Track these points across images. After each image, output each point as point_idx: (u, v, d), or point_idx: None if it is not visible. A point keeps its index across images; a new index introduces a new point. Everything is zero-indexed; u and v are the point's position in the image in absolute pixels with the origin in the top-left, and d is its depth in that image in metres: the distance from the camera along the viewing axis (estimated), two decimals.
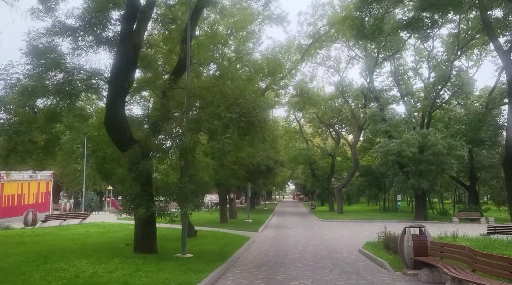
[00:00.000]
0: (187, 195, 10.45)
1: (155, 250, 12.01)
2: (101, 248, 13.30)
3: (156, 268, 9.21)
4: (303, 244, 17.01)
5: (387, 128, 31.99)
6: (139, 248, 11.75)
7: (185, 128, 10.28)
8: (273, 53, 20.79)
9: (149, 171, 10.70)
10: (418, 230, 10.28)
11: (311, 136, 51.85)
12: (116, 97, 11.19)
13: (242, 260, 12.52)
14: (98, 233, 20.61)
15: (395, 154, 29.66)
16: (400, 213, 35.80)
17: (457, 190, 44.71)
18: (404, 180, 31.85)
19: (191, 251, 12.99)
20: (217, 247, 14.85)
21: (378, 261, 12.08)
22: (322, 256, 13.64)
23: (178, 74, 12.96)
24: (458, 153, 29.24)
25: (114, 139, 11.54)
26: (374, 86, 35.59)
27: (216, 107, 10.42)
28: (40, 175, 33.78)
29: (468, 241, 16.08)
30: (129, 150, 10.75)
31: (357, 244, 17.21)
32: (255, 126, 10.49)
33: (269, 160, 27.40)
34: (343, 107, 43.88)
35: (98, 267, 8.88)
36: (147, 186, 10.80)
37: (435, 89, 31.52)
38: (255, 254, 14.02)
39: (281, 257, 13.29)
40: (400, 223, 28.59)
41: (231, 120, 9.88)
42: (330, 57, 41.06)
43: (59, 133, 12.89)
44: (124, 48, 11.01)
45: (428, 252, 9.79)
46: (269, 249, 15.57)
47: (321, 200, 62.91)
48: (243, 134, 10.76)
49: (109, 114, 11.22)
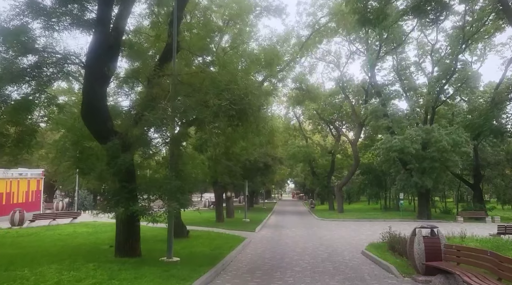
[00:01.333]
0: (172, 192, 9.34)
1: (138, 253, 10.91)
2: (81, 251, 12.23)
3: (133, 275, 8.11)
4: (302, 245, 15.92)
5: (389, 124, 30.85)
6: (120, 251, 10.66)
7: (169, 117, 9.17)
8: (270, 44, 19.64)
9: (129, 166, 9.59)
10: (430, 231, 9.16)
11: (310, 133, 50.67)
12: (94, 84, 10.06)
13: (235, 264, 11.42)
14: (85, 233, 19.57)
15: (398, 150, 28.54)
16: (402, 212, 34.73)
17: (459, 188, 43.57)
18: (407, 178, 30.71)
19: (179, 253, 11.90)
20: (209, 248, 13.76)
21: (383, 265, 10.98)
22: (323, 259, 12.55)
23: (165, 60, 11.85)
24: (463, 150, 28.12)
25: (92, 131, 10.42)
26: (376, 80, 34.44)
27: (204, 94, 9.31)
28: (30, 173, 32.68)
29: (478, 241, 15.01)
30: (108, 143, 9.64)
31: (360, 245, 16.14)
32: (248, 115, 9.39)
33: (266, 157, 26.32)
34: (343, 104, 42.76)
35: (66, 274, 7.77)
36: (128, 182, 9.68)
37: (439, 84, 30.36)
38: (249, 257, 12.92)
39: (277, 260, 12.20)
40: (402, 223, 27.54)
41: (220, 108, 8.78)
42: (330, 52, 39.99)
43: (35, 126, 11.75)
44: (102, 29, 9.89)
45: (442, 256, 8.69)
46: (265, 250, 14.47)
47: (321, 198, 61.76)
48: (234, 125, 9.66)
49: (86, 103, 10.10)
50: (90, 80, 10.08)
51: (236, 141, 11.88)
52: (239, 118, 9.47)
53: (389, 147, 28.80)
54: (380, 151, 29.92)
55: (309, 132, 50.58)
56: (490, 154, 33.34)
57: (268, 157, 26.74)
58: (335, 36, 36.62)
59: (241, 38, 19.05)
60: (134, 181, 9.85)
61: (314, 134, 50.78)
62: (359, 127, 39.80)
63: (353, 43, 37.55)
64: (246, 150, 14.83)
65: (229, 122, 9.41)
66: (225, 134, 11.16)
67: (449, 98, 32.35)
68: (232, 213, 30.91)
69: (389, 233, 14.54)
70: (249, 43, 19.35)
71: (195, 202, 53.64)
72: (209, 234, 19.15)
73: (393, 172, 34.82)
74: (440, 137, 27.97)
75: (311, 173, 50.80)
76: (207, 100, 9.13)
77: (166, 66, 11.38)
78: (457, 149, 28.32)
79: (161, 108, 9.27)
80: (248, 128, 10.71)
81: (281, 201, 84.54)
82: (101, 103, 10.44)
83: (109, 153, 9.66)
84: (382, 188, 47.03)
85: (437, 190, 38.19)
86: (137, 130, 9.28)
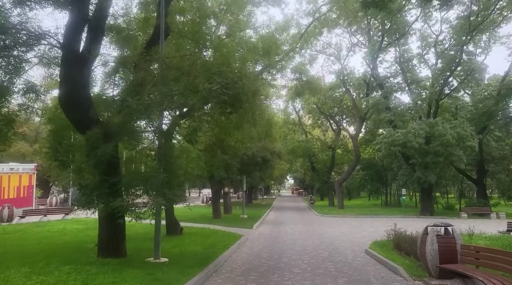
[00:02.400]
0: (158, 186, 8.41)
1: (123, 253, 10.00)
2: (63, 250, 11.33)
3: (111, 280, 7.20)
4: (302, 243, 15.03)
5: (392, 117, 29.89)
6: (103, 251, 9.75)
7: (155, 104, 8.21)
8: (268, 32, 18.62)
9: (111, 157, 8.65)
10: (443, 230, 8.26)
11: (310, 128, 49.68)
12: (73, 68, 9.10)
13: (229, 265, 10.52)
14: (75, 230, 18.73)
15: (400, 144, 27.63)
16: (404, 208, 33.90)
17: (461, 184, 42.71)
18: (410, 173, 29.83)
19: (168, 253, 11.01)
20: (202, 247, 12.85)
21: (390, 265, 10.09)
22: (324, 259, 11.66)
23: (153, 43, 10.87)
24: (468, 144, 27.21)
25: (72, 120, 9.47)
26: (378, 72, 33.40)
27: (193, 79, 8.36)
28: (22, 168, 31.74)
29: (487, 239, 14.14)
30: (88, 132, 8.71)
31: (362, 243, 15.27)
32: (242, 102, 8.44)
33: (265, 151, 25.35)
34: (344, 97, 41.77)
35: (35, 279, 6.86)
36: (110, 176, 8.75)
37: (444, 76, 29.35)
38: (245, 256, 12.02)
39: (275, 260, 11.30)
40: (405, 219, 26.70)
41: (211, 92, 7.82)
42: (330, 45, 38.85)
43: (12, 115, 10.78)
44: (79, 7, 8.91)
45: (458, 258, 7.79)
46: (262, 249, 13.57)
47: (321, 194, 60.97)
48: (227, 113, 8.69)
49: (64, 89, 9.15)
50: (68, 64, 9.11)
51: (230, 132, 10.93)
52: (232, 105, 8.53)
53: (391, 141, 27.89)
54: (382, 145, 28.99)
55: (309, 127, 49.60)
56: (494, 148, 32.41)
57: (267, 151, 25.77)
58: (336, 28, 35.68)
59: (238, 26, 18.04)
60: (117, 175, 8.91)
61: (314, 129, 49.78)
62: (360, 122, 38.86)
63: (354, 35, 36.51)
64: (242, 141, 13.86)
65: (221, 109, 8.47)
66: (218, 123, 10.22)
67: (453, 90, 31.33)
68: (229, 209, 30.05)
69: (394, 230, 13.69)
70: (247, 31, 18.32)
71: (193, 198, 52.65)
72: (203, 231, 18.28)
73: (395, 167, 33.92)
74: (444, 131, 27.06)
75: (311, 168, 49.95)
76: (196, 85, 8.19)
77: (154, 49, 10.41)
78: (461, 143, 27.44)
79: (146, 94, 8.31)
80: (243, 117, 9.77)
81: (280, 197, 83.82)
82: (81, 90, 9.47)
83: (89, 143, 8.73)
84: (383, 183, 46.18)
85: (440, 185, 37.31)
86: (119, 118, 8.33)
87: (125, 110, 8.42)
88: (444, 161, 27.94)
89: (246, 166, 25.13)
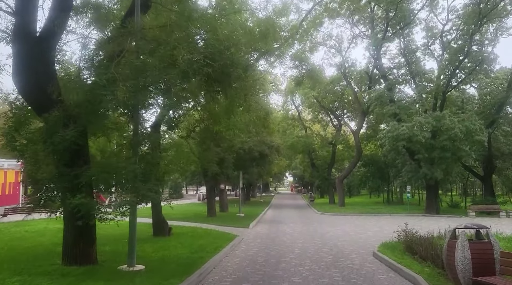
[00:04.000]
0: (129, 180, 6.90)
1: (92, 259, 8.47)
2: (27, 255, 9.84)
3: None
4: (302, 245, 13.55)
5: (396, 110, 28.34)
6: (68, 256, 8.24)
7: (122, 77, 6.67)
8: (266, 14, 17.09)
9: (73, 144, 7.13)
10: (475, 233, 6.77)
11: (310, 123, 48.15)
12: (27, 37, 7.57)
13: (217, 272, 9.01)
14: (56, 230, 17.07)
15: (406, 139, 26.13)
16: (408, 206, 32.47)
17: (467, 181, 41.30)
18: (415, 169, 28.31)
19: (148, 258, 9.53)
20: (190, 250, 11.36)
21: (406, 274, 8.60)
22: (327, 264, 10.18)
23: (130, 15, 9.32)
24: (477, 138, 25.72)
25: (28, 100, 7.96)
26: (382, 63, 31.81)
27: (171, 49, 6.82)
28: (8, 164, 30.16)
29: (506, 241, 12.65)
30: (45, 115, 7.19)
31: (368, 244, 13.82)
32: (231, 78, 6.90)
33: (262, 145, 23.85)
34: (345, 91, 40.26)
35: None
36: (71, 167, 7.23)
37: (452, 66, 27.78)
38: (237, 262, 10.52)
39: (272, 266, 9.82)
40: (411, 217, 25.26)
41: (191, 64, 6.30)
42: (331, 36, 37.25)
43: None
44: None
45: (497, 268, 6.31)
46: (258, 252, 12.08)
47: (320, 191, 59.52)
48: (214, 92, 7.16)
49: (18, 63, 7.62)
50: (22, 32, 7.57)
51: (220, 117, 9.39)
52: (219, 81, 7.00)
53: (396, 135, 26.37)
54: (386, 140, 27.46)
55: (309, 122, 48.07)
56: (503, 143, 30.91)
57: (264, 145, 24.27)
58: (337, 17, 34.13)
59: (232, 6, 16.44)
60: (80, 166, 7.39)
61: (314, 124, 48.23)
62: (362, 116, 37.34)
63: (356, 26, 34.94)
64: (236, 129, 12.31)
65: (207, 86, 6.95)
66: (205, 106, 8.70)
67: (461, 82, 29.76)
68: (225, 207, 28.59)
69: (404, 231, 12.24)
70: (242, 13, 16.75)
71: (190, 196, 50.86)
72: (195, 231, 16.80)
73: (399, 163, 32.39)
74: (452, 125, 25.56)
75: (311, 165, 48.48)
76: (174, 57, 6.67)
77: (130, 21, 8.86)
78: (470, 137, 25.96)
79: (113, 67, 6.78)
80: (234, 99, 8.22)
81: (279, 195, 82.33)
82: (41, 65, 7.94)
83: (47, 127, 7.21)
84: (385, 180, 44.72)
85: (447, 182, 35.85)
86: (81, 95, 6.81)
87: (89, 87, 6.89)
88: (451, 156, 26.45)
89: (242, 161, 23.68)
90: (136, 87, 6.58)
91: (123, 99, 6.44)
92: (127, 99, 6.56)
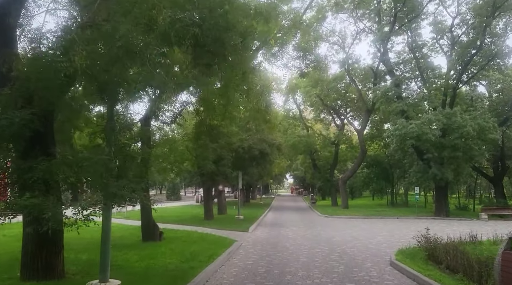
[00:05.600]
0: (96, 175, 5.42)
1: (58, 272, 6.98)
2: None
3: None
4: (307, 252, 12.05)
5: (404, 107, 26.86)
6: (27, 269, 6.79)
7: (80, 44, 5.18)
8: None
9: (27, 130, 5.65)
10: None
11: (312, 122, 46.65)
12: None
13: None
14: None
15: (414, 137, 24.64)
16: (416, 208, 31.00)
17: (476, 182, 39.80)
18: (424, 169, 26.80)
19: (129, 269, 8.06)
20: (180, 259, 9.87)
21: None
22: (340, 276, 8.69)
23: None
24: (491, 136, 24.25)
25: None
26: (388, 57, 30.31)
27: (150, 9, 5.35)
28: None
29: None
30: None
31: (382, 250, 12.37)
32: (225, 47, 5.41)
33: (262, 143, 22.39)
34: (348, 89, 38.80)
35: None
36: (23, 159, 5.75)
37: (464, 59, 26.31)
38: (234, 273, 9.03)
39: (275, 279, 8.33)
40: (421, 221, 23.79)
41: (173, 25, 4.83)
42: (334, 32, 35.82)
43: None
44: None
45: None
46: (258, 261, 10.58)
47: (322, 193, 57.96)
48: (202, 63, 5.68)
49: None
50: None
51: (212, 101, 7.90)
52: (211, 52, 5.52)
53: (404, 133, 24.86)
54: (393, 138, 25.94)
55: (310, 121, 46.59)
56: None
57: (265, 143, 22.79)
58: (341, 12, 32.74)
59: None
60: (35, 157, 5.90)
61: (316, 123, 46.73)
62: (366, 114, 35.88)
63: (360, 20, 33.50)
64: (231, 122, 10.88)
65: (193, 54, 5.48)
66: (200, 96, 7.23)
67: (473, 77, 28.29)
68: (224, 209, 27.07)
69: (424, 236, 10.79)
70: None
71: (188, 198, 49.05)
72: (190, 235, 15.32)
73: (407, 163, 30.87)
74: (463, 122, 24.09)
75: (312, 166, 46.96)
76: (153, 18, 5.21)
77: None
78: (483, 135, 24.50)
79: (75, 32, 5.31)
80: (231, 80, 6.73)
81: (280, 196, 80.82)
82: None
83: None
84: (389, 182, 43.24)
85: (457, 183, 34.35)
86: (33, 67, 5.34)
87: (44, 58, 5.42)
88: (463, 155, 24.98)
89: (241, 160, 22.22)
90: (104, 55, 5.12)
91: (82, 67, 4.97)
92: (87, 67, 5.09)
